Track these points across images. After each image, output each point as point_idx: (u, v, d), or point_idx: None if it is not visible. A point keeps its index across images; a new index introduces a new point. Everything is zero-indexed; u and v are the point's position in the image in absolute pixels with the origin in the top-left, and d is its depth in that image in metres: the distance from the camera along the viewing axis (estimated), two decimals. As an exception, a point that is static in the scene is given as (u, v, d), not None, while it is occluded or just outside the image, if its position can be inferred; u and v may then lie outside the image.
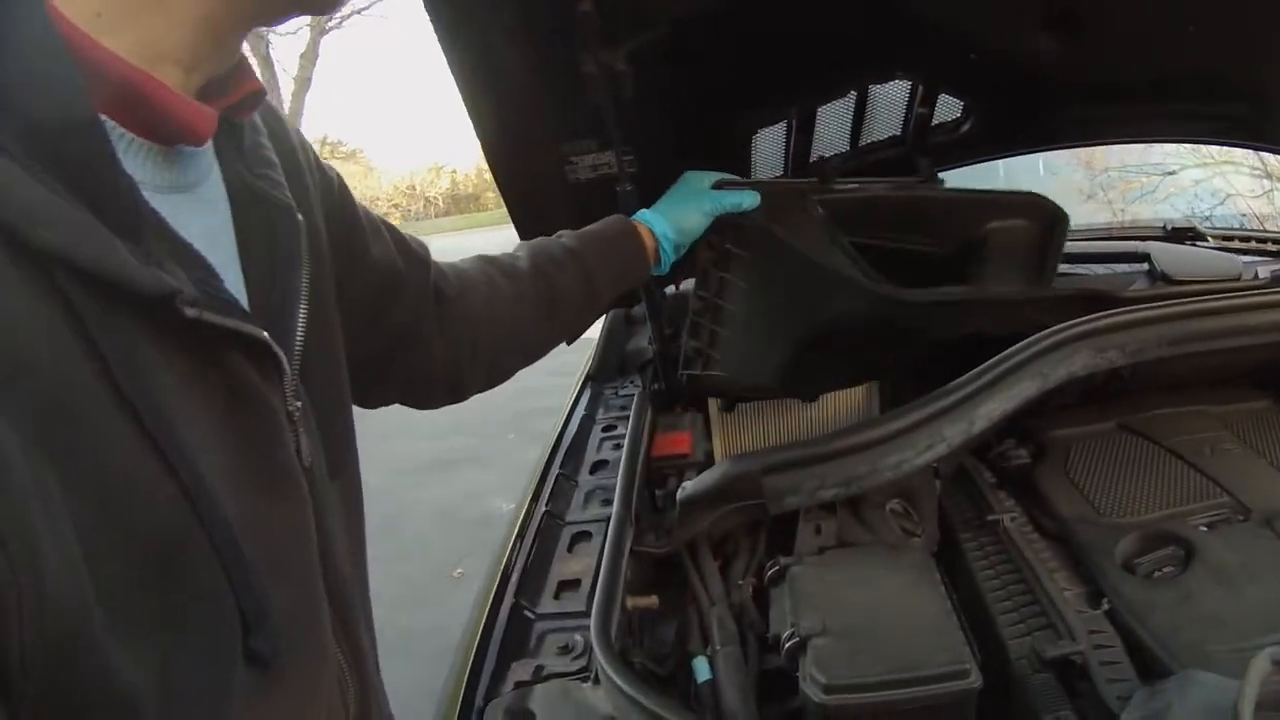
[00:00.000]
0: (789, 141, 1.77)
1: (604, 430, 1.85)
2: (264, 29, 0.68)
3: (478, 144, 1.43)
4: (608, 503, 1.47)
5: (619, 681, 0.98)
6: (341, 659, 0.75)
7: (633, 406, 1.81)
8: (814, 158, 1.81)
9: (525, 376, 1.33)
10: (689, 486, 1.38)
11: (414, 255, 1.09)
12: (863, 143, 1.82)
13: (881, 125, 1.78)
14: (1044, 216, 1.65)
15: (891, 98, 1.73)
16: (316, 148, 0.93)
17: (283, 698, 0.63)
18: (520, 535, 1.44)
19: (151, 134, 0.60)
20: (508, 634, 1.19)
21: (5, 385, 0.43)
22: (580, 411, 1.99)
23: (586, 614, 1.18)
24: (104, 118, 0.54)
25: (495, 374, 1.24)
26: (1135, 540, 1.30)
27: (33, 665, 0.43)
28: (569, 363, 2.12)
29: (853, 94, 1.70)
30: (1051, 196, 1.70)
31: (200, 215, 0.65)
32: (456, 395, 1.21)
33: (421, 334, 1.09)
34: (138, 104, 0.57)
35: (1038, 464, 1.56)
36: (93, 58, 0.54)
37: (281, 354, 0.65)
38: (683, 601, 1.32)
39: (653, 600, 1.29)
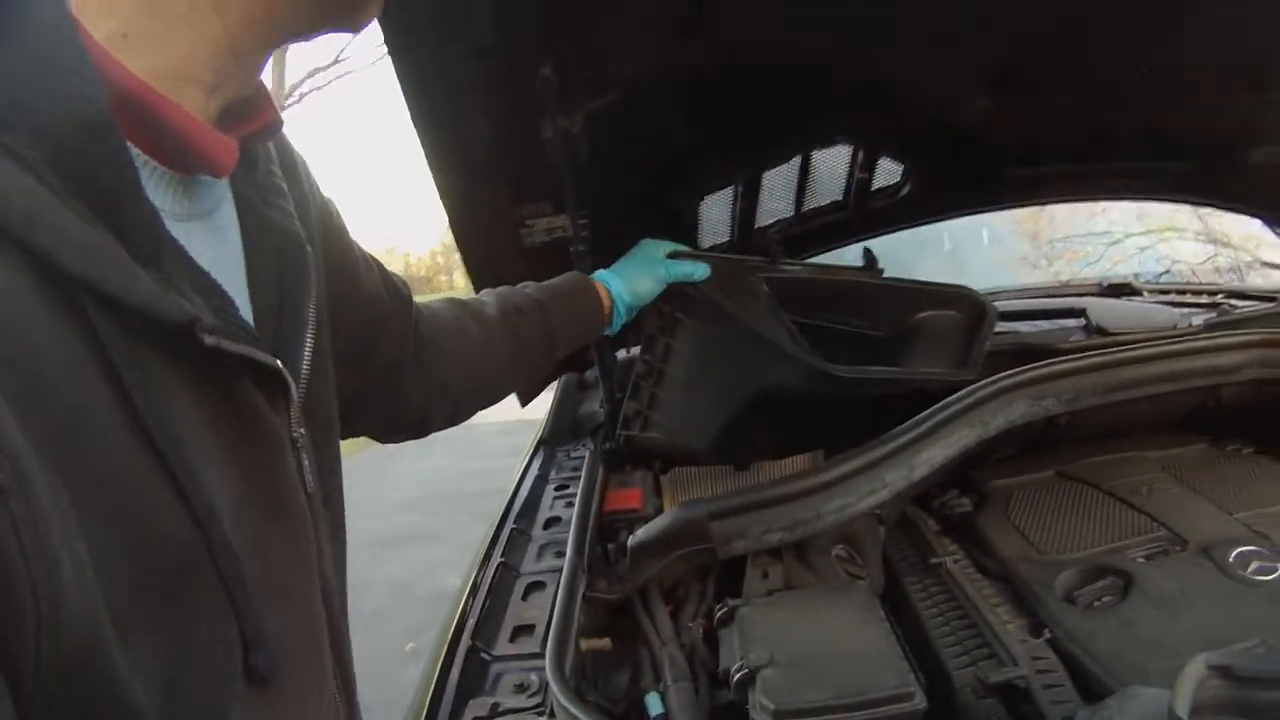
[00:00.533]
0: (735, 207, 1.84)
1: (556, 489, 1.88)
2: (291, 41, 0.69)
3: (430, 227, 1.49)
4: (560, 554, 1.50)
5: (574, 711, 1.01)
6: (334, 682, 0.76)
7: (585, 464, 1.85)
8: (759, 224, 1.88)
9: (477, 459, 1.37)
10: (640, 533, 1.42)
11: (399, 293, 1.12)
12: (807, 208, 1.90)
13: (824, 190, 1.86)
14: (973, 309, 1.76)
15: (833, 163, 1.82)
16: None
17: (281, 715, 0.64)
18: (475, 585, 1.46)
19: (172, 163, 0.62)
20: (464, 674, 1.21)
21: (26, 406, 0.44)
22: (534, 472, 2.02)
23: (541, 655, 1.20)
24: (129, 145, 0.54)
25: (458, 414, 1.28)
26: (1075, 574, 1.35)
27: (46, 678, 0.44)
28: (520, 444, 2.18)
29: (797, 160, 1.78)
30: (995, 266, 1.79)
31: (213, 243, 0.67)
32: (420, 432, 1.24)
33: (403, 371, 1.11)
34: (162, 133, 0.59)
35: (979, 511, 1.61)
36: (120, 83, 0.55)
37: (291, 382, 0.67)
38: (635, 645, 1.35)
39: (605, 642, 1.31)
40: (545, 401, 1.80)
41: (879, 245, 1.81)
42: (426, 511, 6.25)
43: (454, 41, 1.22)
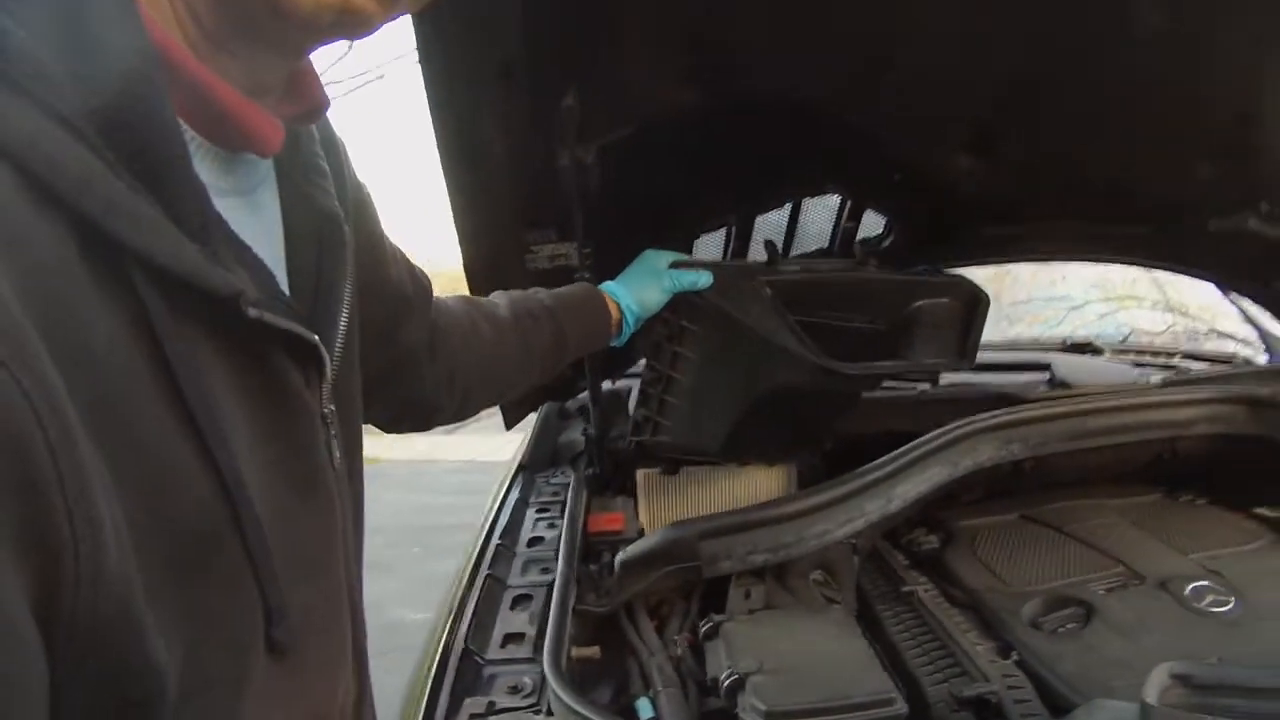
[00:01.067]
0: (727, 249, 1.93)
1: (538, 511, 1.93)
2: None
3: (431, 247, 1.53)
4: (546, 570, 1.55)
5: (571, 703, 1.06)
6: (351, 658, 0.78)
7: (570, 486, 1.90)
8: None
9: (426, 494, 1.38)
10: (630, 549, 1.47)
11: (420, 284, 1.14)
12: (793, 254, 1.98)
13: (812, 237, 1.95)
14: (967, 296, 1.80)
15: (822, 211, 1.91)
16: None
17: (301, 687, 0.66)
18: (465, 594, 1.50)
19: (218, 139, 0.62)
20: (459, 675, 1.25)
21: (72, 372, 0.44)
22: (515, 495, 2.06)
23: (533, 660, 1.25)
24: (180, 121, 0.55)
25: (465, 409, 1.30)
26: (1039, 603, 1.44)
27: (79, 638, 0.45)
28: (471, 482, 2.20)
29: (788, 205, 1.87)
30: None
31: (254, 220, 0.67)
32: (426, 424, 1.26)
33: (419, 361, 1.14)
34: (211, 111, 0.59)
35: (946, 548, 1.70)
36: (172, 60, 0.55)
37: (326, 357, 0.68)
38: (622, 656, 1.40)
39: (595, 651, 1.36)
40: (499, 444, 1.84)
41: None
42: (377, 544, 6.19)
43: (483, 59, 1.28)
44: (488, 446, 6.79)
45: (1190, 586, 1.43)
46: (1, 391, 0.40)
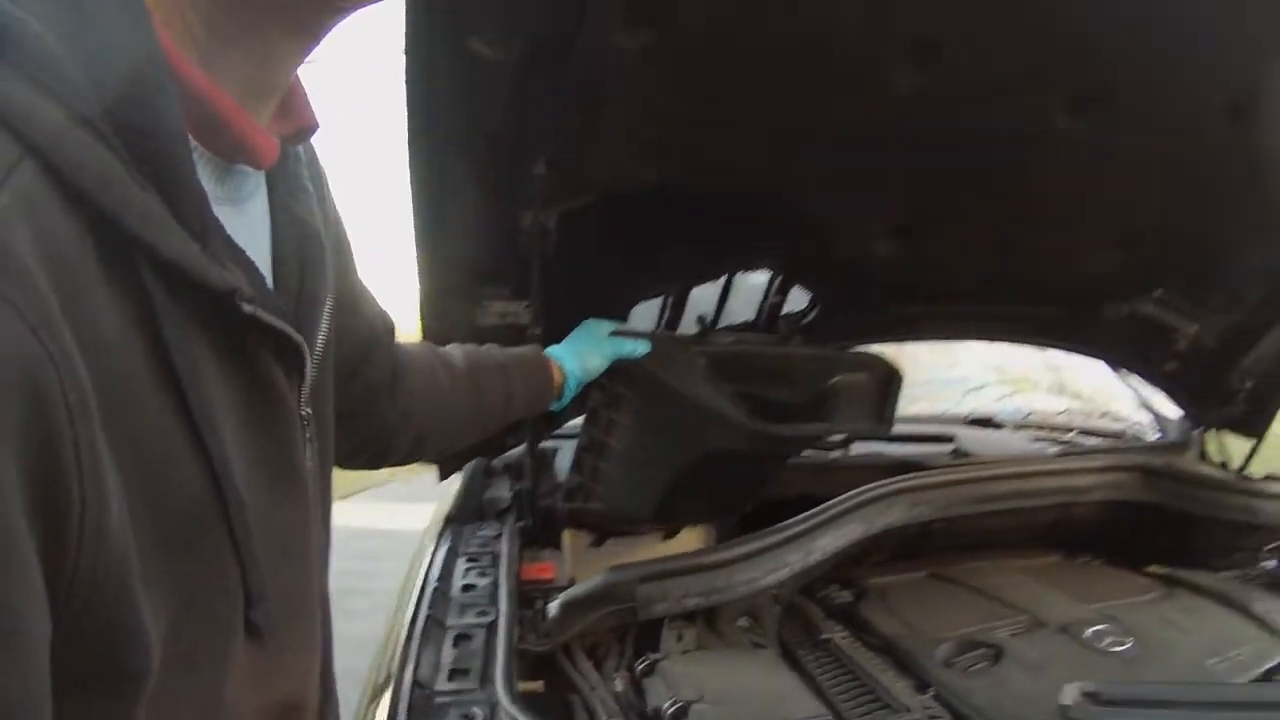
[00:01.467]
0: (662, 316, 2.05)
1: (469, 560, 1.98)
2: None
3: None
4: (483, 614, 1.61)
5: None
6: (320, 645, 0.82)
7: (504, 535, 1.97)
8: (680, 333, 2.08)
9: (342, 558, 1.38)
10: (571, 591, 1.55)
11: (386, 323, 1.17)
12: (720, 325, 2.12)
13: (740, 309, 2.08)
14: (883, 372, 1.97)
15: (753, 285, 2.05)
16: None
17: (278, 672, 0.70)
18: (410, 631, 1.55)
19: (216, 148, 0.64)
20: (411, 707, 1.30)
21: (89, 356, 0.48)
22: (445, 546, 2.11)
23: (481, 690, 1.31)
24: None
25: (416, 453, 1.34)
26: (951, 646, 1.57)
27: (77, 592, 0.47)
28: (371, 550, 2.22)
29: (723, 278, 2.01)
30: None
31: (244, 228, 0.69)
32: (379, 463, 1.29)
33: (379, 398, 1.17)
34: (211, 119, 0.61)
35: (860, 601, 1.82)
36: (174, 66, 0.57)
37: (308, 359, 0.71)
38: (564, 694, 1.47)
39: (539, 685, 1.43)
40: (394, 511, 1.88)
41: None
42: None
43: (469, 128, 1.38)
44: (383, 513, 6.70)
45: (1090, 630, 1.58)
46: (33, 354, 0.44)
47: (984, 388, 3.21)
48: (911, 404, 3.34)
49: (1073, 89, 1.62)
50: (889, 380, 1.97)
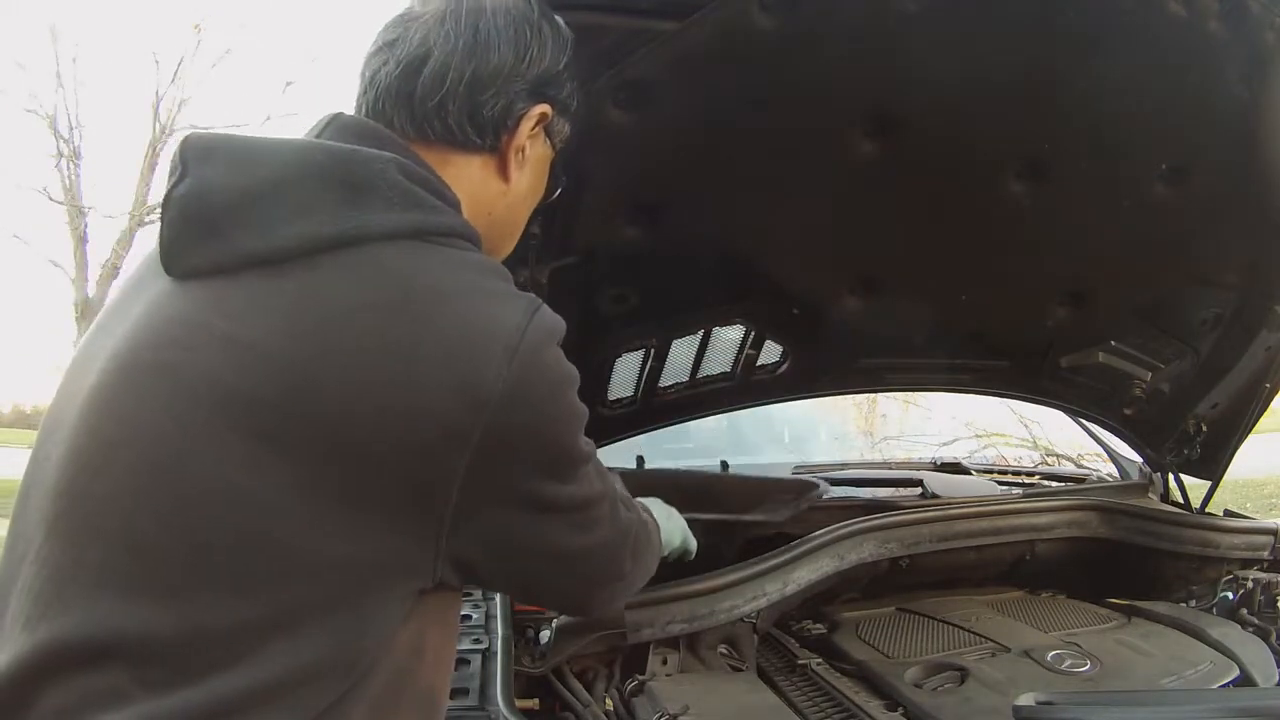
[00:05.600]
0: (643, 368, 2.18)
1: (464, 594, 2.10)
2: None
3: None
4: (477, 641, 1.72)
5: None
6: None
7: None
8: (662, 383, 2.22)
9: None
10: (565, 617, 1.67)
11: None
12: (700, 375, 2.25)
13: (717, 361, 2.23)
14: (804, 488, 2.13)
15: (728, 339, 2.19)
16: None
17: None
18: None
19: None
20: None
21: None
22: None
23: (482, 709, 1.43)
24: None
25: None
26: (920, 669, 1.69)
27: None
28: None
29: (701, 332, 2.15)
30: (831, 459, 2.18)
31: None
32: None
33: None
34: None
35: (832, 633, 1.94)
36: None
37: None
38: (556, 712, 1.58)
39: (534, 702, 1.55)
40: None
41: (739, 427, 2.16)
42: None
43: None
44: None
45: (1052, 653, 1.71)
46: None
47: (955, 442, 3.32)
48: (884, 454, 3.49)
49: (1022, 157, 1.79)
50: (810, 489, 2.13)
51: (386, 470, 0.80)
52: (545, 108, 1.03)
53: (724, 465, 2.18)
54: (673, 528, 1.74)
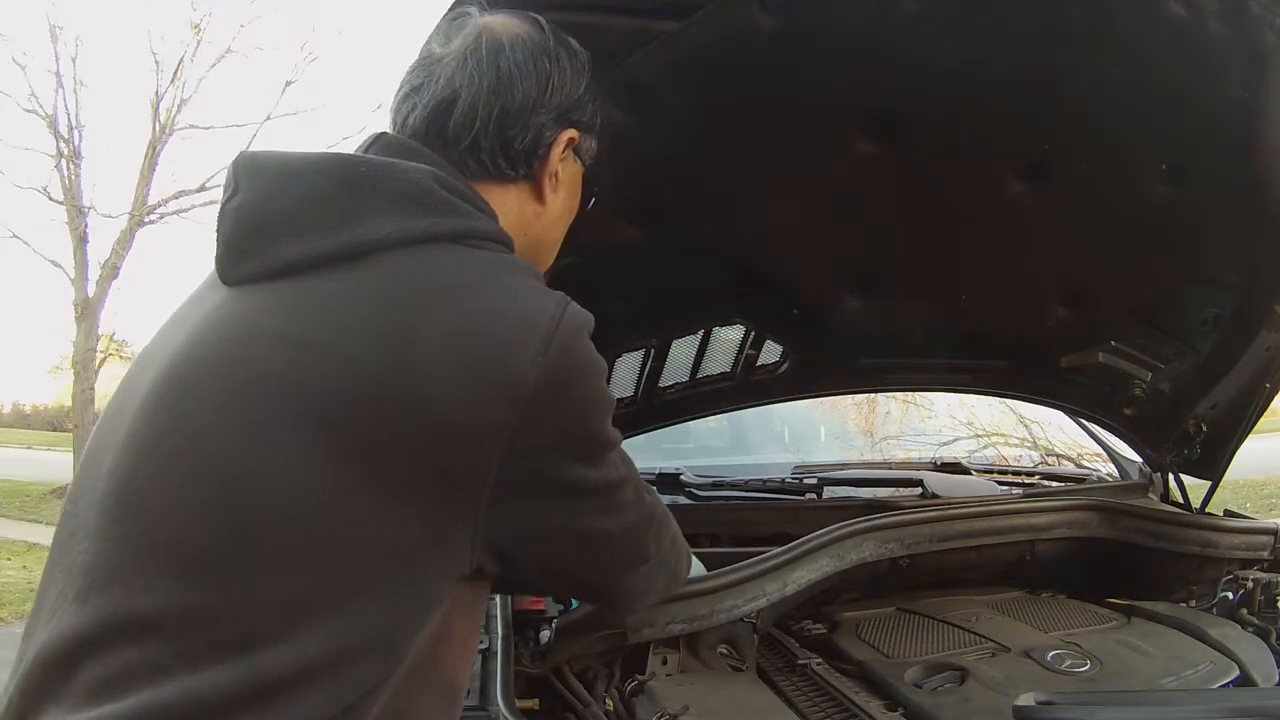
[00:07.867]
0: (644, 367, 2.18)
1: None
2: None
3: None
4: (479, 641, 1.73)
5: None
6: None
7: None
8: (662, 383, 2.23)
9: None
10: (567, 616, 1.67)
11: None
12: (700, 375, 2.26)
13: (717, 361, 2.23)
14: None
15: (729, 339, 2.19)
16: (101, 344, 1.25)
17: None
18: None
19: None
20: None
21: None
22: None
23: (482, 709, 1.43)
24: None
25: None
26: (919, 669, 1.69)
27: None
28: None
29: (701, 332, 2.15)
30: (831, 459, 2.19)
31: None
32: None
33: None
34: None
35: (832, 633, 1.94)
36: None
37: None
38: (557, 712, 1.58)
39: (534, 702, 1.55)
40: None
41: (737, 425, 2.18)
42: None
43: None
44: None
45: (1052, 653, 1.71)
46: None
47: (956, 441, 3.32)
48: (884, 454, 3.48)
49: (1022, 157, 1.79)
50: None
51: (426, 456, 0.85)
52: (573, 132, 1.09)
53: None
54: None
